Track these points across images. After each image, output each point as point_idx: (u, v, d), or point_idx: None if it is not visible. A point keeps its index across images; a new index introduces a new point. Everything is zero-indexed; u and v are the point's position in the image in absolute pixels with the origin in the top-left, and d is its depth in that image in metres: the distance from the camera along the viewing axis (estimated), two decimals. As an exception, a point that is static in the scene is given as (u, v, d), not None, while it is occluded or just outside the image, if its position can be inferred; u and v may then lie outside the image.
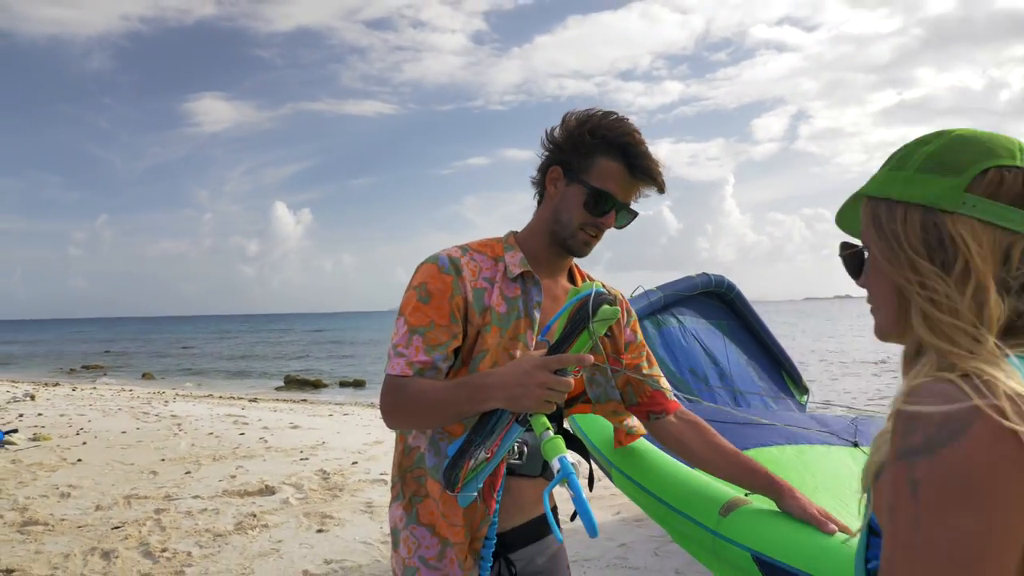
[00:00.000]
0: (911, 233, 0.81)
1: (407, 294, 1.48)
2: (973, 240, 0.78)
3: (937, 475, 0.68)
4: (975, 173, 0.80)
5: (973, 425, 0.67)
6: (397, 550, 1.52)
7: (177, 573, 4.11)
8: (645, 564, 4.09)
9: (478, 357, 1.47)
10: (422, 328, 1.42)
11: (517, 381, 1.26)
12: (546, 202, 1.55)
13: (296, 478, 6.38)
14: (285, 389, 20.59)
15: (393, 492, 1.55)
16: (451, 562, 1.46)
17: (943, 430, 0.68)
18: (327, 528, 4.92)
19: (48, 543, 4.65)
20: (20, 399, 12.95)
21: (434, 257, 1.48)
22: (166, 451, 7.81)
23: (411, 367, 1.41)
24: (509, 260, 1.52)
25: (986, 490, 0.66)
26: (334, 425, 9.97)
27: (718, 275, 5.28)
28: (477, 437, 1.31)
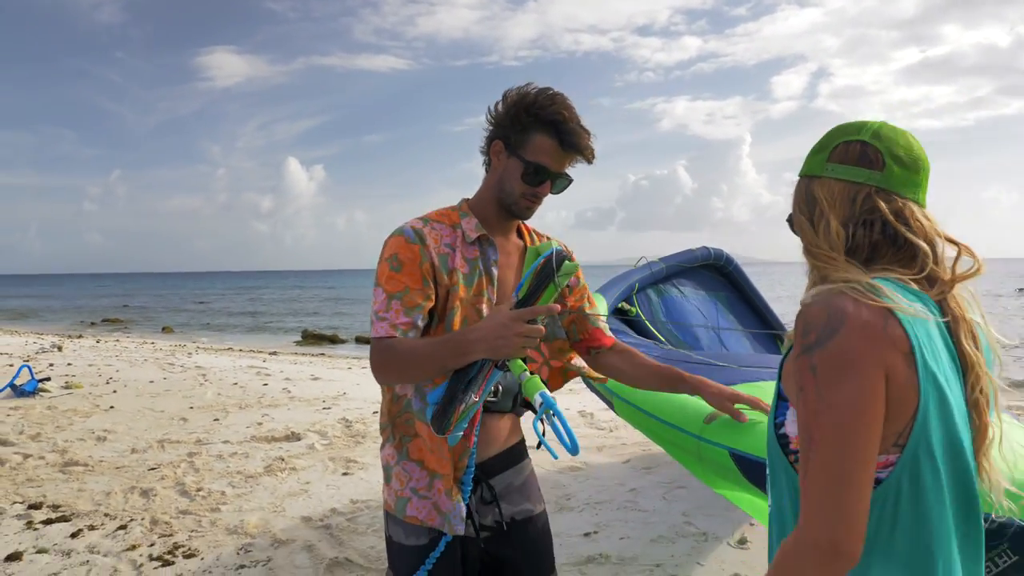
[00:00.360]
0: (799, 198, 1.21)
1: (380, 266, 1.66)
2: (826, 194, 1.16)
3: (826, 360, 1.01)
4: (832, 147, 1.17)
5: (844, 325, 1.01)
6: (389, 484, 1.73)
7: (213, 510, 4.38)
8: (654, 507, 4.31)
9: (451, 313, 1.67)
10: (399, 293, 1.61)
11: (497, 333, 1.48)
12: (492, 172, 1.74)
13: (320, 426, 6.65)
14: (303, 343, 20.96)
15: (384, 435, 1.76)
16: (439, 491, 1.67)
17: (826, 330, 1.02)
18: (352, 472, 5.18)
19: (89, 482, 4.94)
20: (48, 350, 13.34)
21: (400, 230, 1.67)
22: (194, 399, 8.11)
23: (395, 329, 1.59)
24: (465, 226, 1.72)
25: (857, 365, 1.00)
26: (353, 377, 10.26)
27: (717, 249, 5.54)
28: (461, 384, 1.53)
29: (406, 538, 1.71)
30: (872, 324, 1.00)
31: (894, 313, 1.02)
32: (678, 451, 2.63)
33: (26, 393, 8.01)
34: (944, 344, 1.08)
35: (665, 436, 2.65)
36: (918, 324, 1.04)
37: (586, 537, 3.88)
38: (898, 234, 1.10)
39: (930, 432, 1.02)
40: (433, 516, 1.68)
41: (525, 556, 1.81)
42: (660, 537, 3.85)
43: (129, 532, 4.01)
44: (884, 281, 1.06)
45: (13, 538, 3.92)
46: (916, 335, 1.02)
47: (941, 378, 1.03)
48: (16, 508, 4.39)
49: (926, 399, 1.01)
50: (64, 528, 4.07)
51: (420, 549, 1.69)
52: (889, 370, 1.00)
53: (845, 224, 1.13)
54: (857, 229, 1.12)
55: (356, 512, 4.33)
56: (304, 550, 3.76)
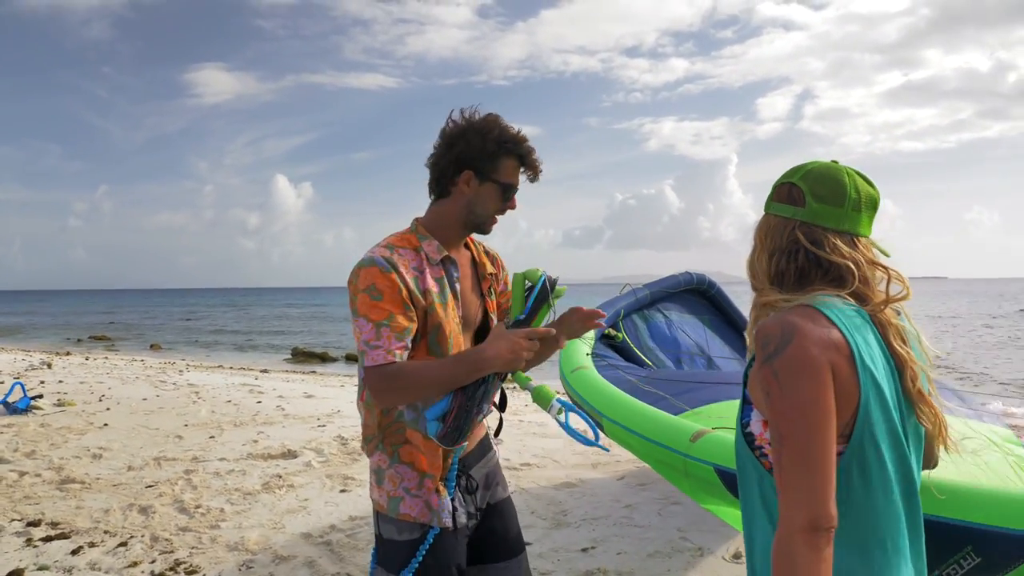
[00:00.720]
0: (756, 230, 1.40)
1: (359, 297, 1.72)
2: (764, 229, 1.37)
3: (785, 365, 1.18)
4: (775, 188, 1.38)
5: (795, 336, 1.18)
6: (382, 485, 1.86)
7: (213, 527, 4.41)
8: (650, 523, 4.38)
9: (432, 332, 1.80)
10: (385, 321, 1.70)
11: (511, 352, 1.69)
12: (456, 198, 1.86)
13: (316, 443, 6.68)
14: (293, 361, 20.91)
15: (371, 446, 1.88)
16: (428, 489, 1.83)
17: (782, 340, 1.19)
18: (349, 488, 5.22)
19: (87, 499, 4.96)
20: (37, 367, 13.29)
21: (371, 260, 1.75)
22: (188, 417, 8.12)
23: (391, 354, 1.69)
24: (427, 248, 1.85)
25: (811, 368, 1.16)
26: (346, 395, 10.27)
27: (699, 273, 5.72)
28: (472, 400, 1.70)
29: (399, 534, 1.84)
30: (818, 332, 1.19)
31: (834, 323, 1.21)
32: (666, 468, 2.75)
33: (19, 410, 7.98)
34: (880, 349, 1.26)
35: (653, 454, 2.77)
36: (855, 331, 1.22)
37: (584, 552, 3.94)
38: (820, 258, 1.29)
39: (872, 422, 1.19)
40: (425, 512, 1.83)
41: (501, 535, 2.02)
42: (657, 552, 3.91)
43: (130, 549, 4.03)
44: (823, 296, 1.26)
45: (14, 555, 3.93)
46: (854, 340, 1.20)
47: (879, 376, 1.21)
48: (15, 525, 4.40)
49: (866, 394, 1.19)
50: (64, 545, 4.09)
51: (412, 543, 1.83)
52: (835, 370, 1.17)
53: (772, 254, 1.34)
54: (782, 258, 1.33)
55: (355, 528, 4.37)
56: (305, 566, 3.80)
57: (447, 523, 1.84)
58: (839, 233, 1.31)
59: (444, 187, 1.87)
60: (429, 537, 1.82)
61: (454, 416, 1.69)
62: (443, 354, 1.81)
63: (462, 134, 1.82)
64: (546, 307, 1.80)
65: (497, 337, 1.71)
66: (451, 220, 1.89)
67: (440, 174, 1.86)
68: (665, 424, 2.74)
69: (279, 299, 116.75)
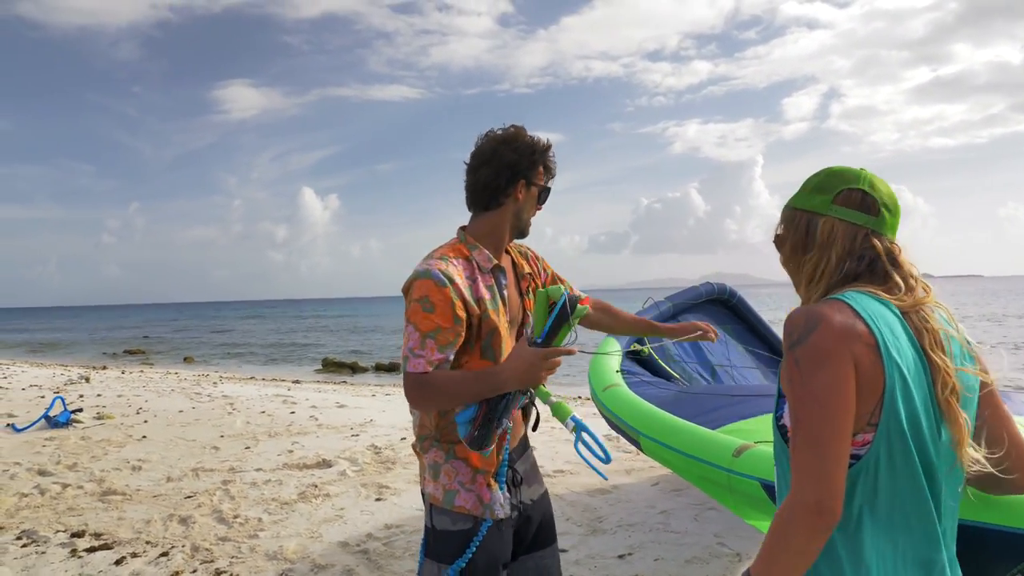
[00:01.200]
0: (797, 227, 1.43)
1: (412, 305, 1.86)
2: (828, 231, 1.38)
3: (807, 353, 1.23)
4: (836, 192, 1.39)
5: (819, 325, 1.23)
6: (438, 479, 1.98)
7: (251, 536, 4.46)
8: (686, 529, 4.35)
9: (487, 336, 1.94)
10: (432, 332, 1.82)
11: (526, 370, 1.78)
12: (507, 206, 2.00)
13: (350, 452, 6.74)
14: (324, 371, 21.09)
15: (427, 443, 2.01)
16: (480, 484, 1.96)
17: (805, 329, 1.24)
18: (384, 497, 5.25)
19: (128, 511, 5.04)
20: (76, 381, 13.54)
21: (427, 273, 1.86)
22: (223, 428, 8.23)
23: (430, 365, 1.82)
24: (478, 257, 1.98)
25: (831, 358, 1.21)
26: (378, 404, 10.35)
27: (720, 283, 5.71)
28: (495, 413, 1.81)
29: (453, 525, 1.95)
30: (842, 322, 1.23)
31: (859, 314, 1.24)
32: (709, 484, 2.71)
33: (60, 424, 8.15)
34: (911, 345, 1.28)
35: (694, 471, 2.74)
36: (881, 323, 1.25)
37: (620, 559, 3.93)
38: (882, 268, 1.34)
39: (898, 411, 1.22)
40: (477, 505, 1.95)
41: (540, 527, 2.15)
42: (694, 558, 3.89)
43: (171, 559, 4.09)
44: (855, 292, 1.31)
45: (59, 566, 4.01)
46: (880, 331, 1.23)
47: (904, 368, 1.23)
48: (59, 537, 4.49)
49: (891, 382, 1.21)
50: (107, 556, 4.16)
51: (465, 533, 1.95)
52: (857, 360, 1.21)
53: (842, 258, 1.37)
54: (852, 262, 1.36)
55: (392, 537, 4.40)
56: (343, 574, 3.83)
57: (499, 515, 1.96)
58: (892, 243, 1.39)
59: (497, 199, 1.99)
60: (482, 528, 1.94)
61: (479, 424, 1.81)
62: (496, 356, 1.95)
63: (510, 147, 1.97)
64: (566, 327, 1.86)
65: (515, 356, 1.81)
66: (501, 229, 2.03)
67: (495, 187, 1.98)
68: (706, 440, 2.71)
69: (308, 310, 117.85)
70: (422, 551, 2.03)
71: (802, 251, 1.42)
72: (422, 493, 2.05)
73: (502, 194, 1.99)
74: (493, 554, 1.96)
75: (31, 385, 12.89)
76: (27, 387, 12.58)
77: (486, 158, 1.98)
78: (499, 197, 1.99)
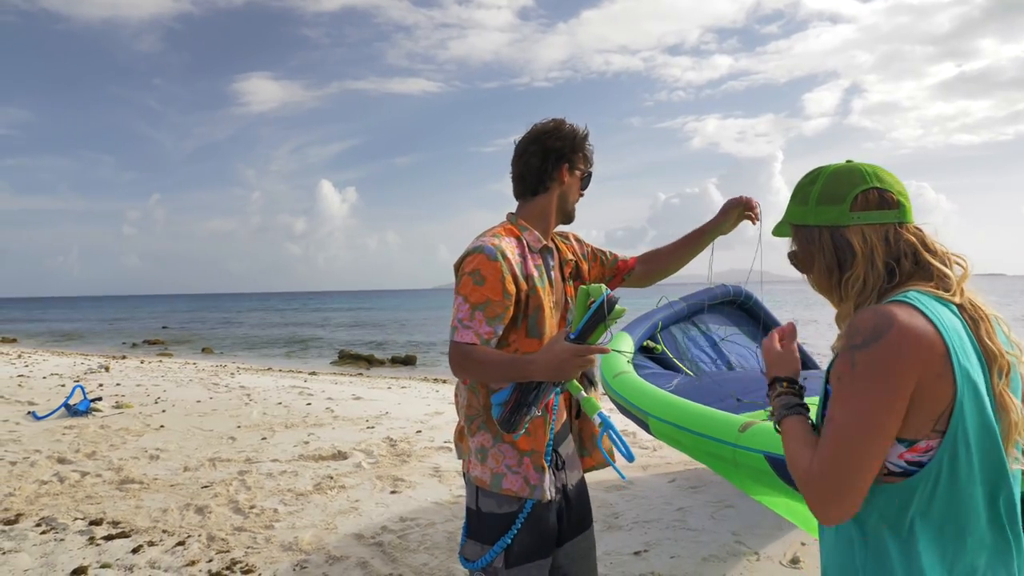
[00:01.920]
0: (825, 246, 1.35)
1: (463, 279, 1.93)
2: (861, 241, 1.30)
3: (867, 360, 1.17)
4: (852, 198, 1.31)
5: (888, 332, 1.16)
6: (485, 463, 2.01)
7: (267, 527, 4.47)
8: (703, 526, 4.31)
9: (533, 314, 2.00)
10: (481, 305, 1.89)
11: (556, 365, 1.79)
12: (552, 190, 2.09)
13: (365, 445, 6.75)
14: (340, 364, 21.18)
15: (475, 424, 2.04)
16: (527, 466, 2.00)
17: (872, 335, 1.17)
18: (399, 490, 5.25)
19: (146, 499, 5.07)
20: (95, 370, 13.68)
21: (480, 248, 1.95)
22: (240, 419, 8.27)
23: (478, 337, 1.89)
24: (528, 238, 2.07)
25: (891, 372, 1.15)
26: (394, 397, 10.36)
27: (735, 285, 5.72)
28: (526, 399, 1.84)
29: (499, 507, 2.00)
30: (915, 331, 1.16)
31: (931, 320, 1.18)
32: (715, 460, 2.84)
33: (79, 412, 8.23)
34: (971, 343, 1.22)
35: (702, 447, 2.85)
36: (950, 328, 1.19)
37: (636, 556, 3.89)
38: (924, 260, 1.28)
39: (966, 420, 1.16)
40: (524, 488, 1.99)
41: (580, 512, 2.20)
42: (711, 556, 3.85)
43: (187, 548, 4.11)
44: (917, 293, 1.24)
45: (77, 553, 4.04)
46: (950, 338, 1.17)
47: (974, 374, 1.18)
48: (78, 524, 4.52)
49: (962, 392, 1.16)
50: (125, 544, 4.19)
51: (510, 515, 2.00)
52: (923, 372, 1.15)
53: (887, 263, 1.30)
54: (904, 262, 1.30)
55: (406, 530, 4.39)
56: (358, 567, 3.83)
57: (547, 496, 2.00)
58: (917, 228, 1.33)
59: (544, 183, 2.09)
60: (527, 507, 2.00)
61: (510, 408, 1.85)
62: (541, 333, 2.01)
63: (554, 134, 2.07)
64: (602, 326, 1.87)
65: (548, 349, 1.83)
66: (548, 212, 2.11)
67: (541, 172, 2.07)
68: (713, 417, 2.83)
69: (325, 303, 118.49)
70: (464, 532, 2.08)
71: (839, 270, 1.34)
72: (464, 475, 2.09)
73: (548, 178, 2.08)
74: (537, 535, 2.01)
75: (52, 374, 13.04)
76: (48, 375, 12.73)
77: (532, 146, 2.07)
78: (546, 181, 2.09)
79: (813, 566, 3.67)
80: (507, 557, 1.97)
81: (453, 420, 8.65)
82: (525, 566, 1.99)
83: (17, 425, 7.77)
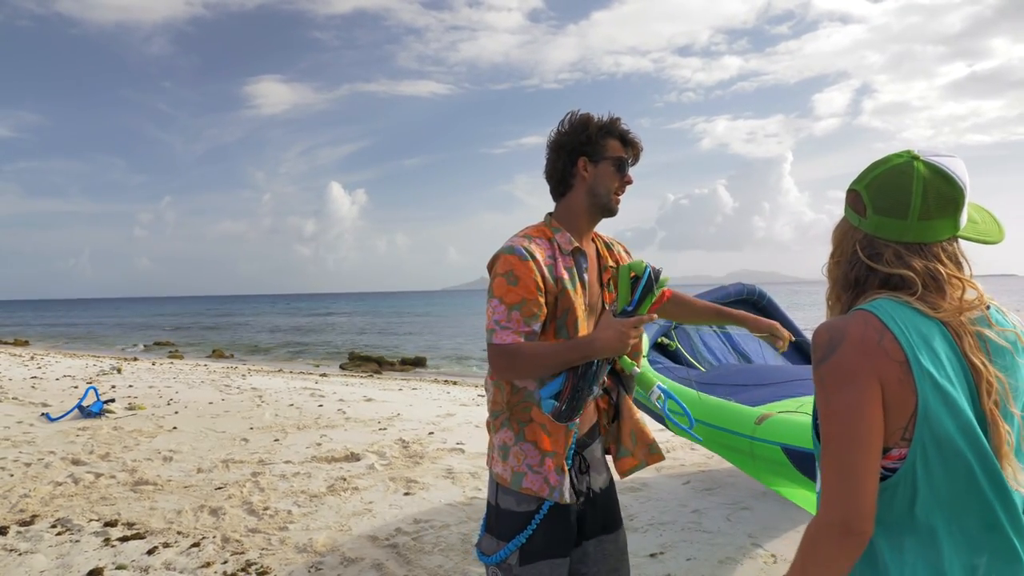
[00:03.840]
0: None
1: (495, 280, 1.92)
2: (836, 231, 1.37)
3: (829, 372, 1.20)
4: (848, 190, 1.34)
5: (842, 343, 1.19)
6: (507, 461, 2.01)
7: (281, 529, 4.47)
8: (718, 528, 4.28)
9: (562, 316, 1.97)
10: (517, 305, 1.89)
11: (619, 340, 1.84)
12: (578, 187, 2.05)
13: (378, 446, 6.74)
14: (350, 366, 21.21)
15: (498, 422, 2.05)
16: (548, 467, 1.99)
17: (828, 347, 1.21)
18: (413, 492, 5.24)
19: (160, 501, 5.08)
20: (108, 372, 13.74)
21: (511, 249, 1.94)
22: (253, 420, 8.28)
23: (519, 335, 1.88)
24: (560, 239, 2.03)
25: (853, 377, 1.18)
26: (405, 399, 10.36)
27: (749, 284, 5.74)
28: (584, 381, 1.85)
29: (517, 505, 2.01)
30: (866, 340, 1.19)
31: (888, 327, 1.19)
32: (731, 452, 2.88)
33: (92, 414, 8.27)
34: (952, 352, 1.21)
35: (718, 440, 2.88)
36: (913, 333, 1.19)
37: (652, 558, 3.87)
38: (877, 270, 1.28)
39: (933, 425, 1.16)
40: (544, 488, 1.98)
41: (606, 515, 2.18)
42: (728, 559, 3.82)
43: (202, 550, 4.11)
44: (884, 300, 1.24)
45: (93, 554, 4.05)
46: (911, 344, 1.18)
47: (941, 379, 1.17)
48: (93, 525, 4.53)
49: (924, 397, 1.16)
50: (140, 545, 4.19)
51: (528, 514, 2.00)
52: (883, 378, 1.17)
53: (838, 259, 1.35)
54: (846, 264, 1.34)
55: (420, 531, 4.38)
56: (373, 568, 3.82)
57: (566, 499, 1.99)
58: (904, 244, 1.28)
59: (566, 182, 2.06)
60: (544, 508, 1.99)
61: (568, 396, 1.85)
62: (570, 336, 1.98)
63: (567, 133, 2.04)
64: (651, 297, 1.90)
65: (606, 326, 1.86)
66: (579, 209, 2.07)
67: (560, 172, 2.05)
68: (729, 410, 2.86)
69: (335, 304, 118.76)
70: (483, 526, 2.10)
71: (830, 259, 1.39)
72: (489, 470, 2.10)
73: (569, 176, 2.05)
74: (553, 535, 2.01)
75: (65, 375, 13.11)
76: (61, 377, 12.80)
77: (549, 147, 2.07)
78: (568, 179, 2.06)
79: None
80: (522, 555, 1.98)
81: (465, 422, 8.65)
82: (539, 564, 1.99)
83: (31, 427, 7.81)
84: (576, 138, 2.03)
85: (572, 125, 2.04)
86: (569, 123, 2.05)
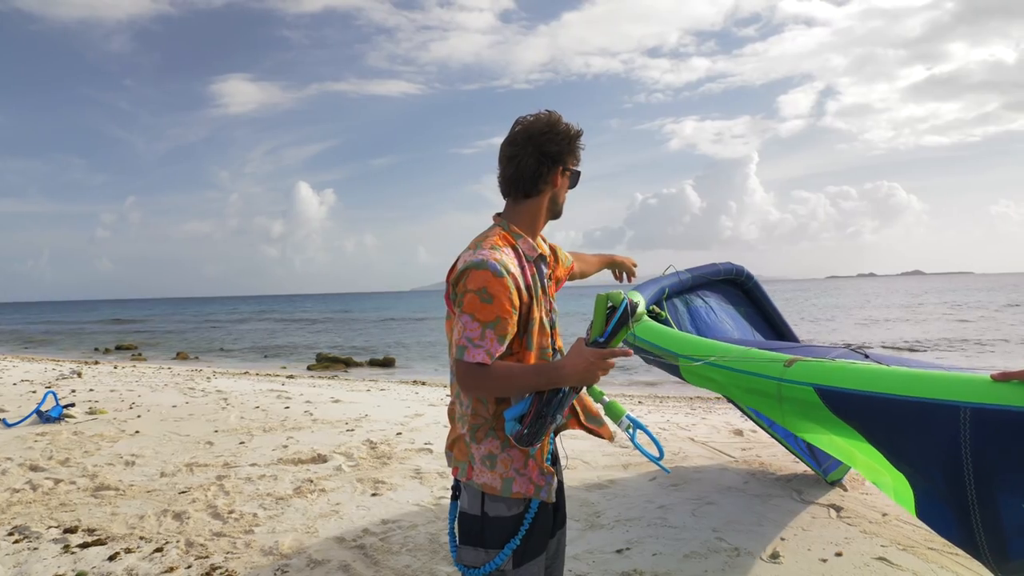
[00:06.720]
0: None
1: (468, 296, 1.88)
2: None
3: None
4: None
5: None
6: (495, 469, 2.01)
7: (247, 532, 4.42)
8: (684, 523, 4.33)
9: (530, 324, 1.99)
10: (491, 323, 1.87)
11: (587, 369, 1.84)
12: (546, 193, 2.07)
13: (345, 447, 6.70)
14: (317, 367, 21.02)
15: (481, 432, 2.03)
16: (532, 467, 2.03)
17: None
18: (380, 492, 5.22)
19: (122, 506, 4.99)
20: (68, 376, 13.45)
21: (483, 263, 1.89)
22: (218, 423, 8.17)
23: (490, 356, 1.86)
24: (523, 246, 2.05)
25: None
26: (373, 399, 10.30)
27: (739, 265, 5.74)
28: (548, 408, 1.86)
29: (508, 511, 2.02)
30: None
31: None
32: (756, 397, 2.72)
33: (51, 419, 8.09)
34: None
35: (741, 384, 2.74)
36: None
37: (619, 554, 3.90)
38: None
39: None
40: (531, 489, 2.02)
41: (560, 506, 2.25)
42: (693, 553, 3.87)
43: (166, 555, 4.05)
44: None
45: (52, 562, 3.97)
46: None
47: None
48: (52, 532, 4.44)
49: None
50: (101, 551, 4.11)
51: (517, 517, 2.02)
52: None
53: None
54: None
55: (388, 532, 4.37)
56: (340, 570, 3.80)
57: (551, 497, 2.05)
58: None
59: (536, 186, 2.05)
60: (533, 506, 2.03)
61: (532, 419, 1.87)
62: (535, 344, 2.01)
63: (551, 136, 2.02)
64: (625, 330, 1.89)
65: (576, 354, 1.86)
66: (540, 215, 2.11)
67: (536, 175, 2.04)
68: (755, 353, 2.73)
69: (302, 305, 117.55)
70: (457, 539, 2.07)
71: None
72: (464, 484, 2.06)
73: (542, 181, 2.05)
74: (541, 532, 2.07)
75: (22, 380, 12.79)
76: (18, 382, 12.49)
77: (527, 148, 2.01)
78: (539, 184, 2.05)
79: (793, 561, 3.70)
80: (515, 557, 2.01)
81: (433, 422, 8.58)
82: (529, 565, 2.03)
83: (-12, 433, 7.62)
84: (563, 148, 2.04)
85: (557, 131, 2.02)
86: (549, 127, 2.02)
